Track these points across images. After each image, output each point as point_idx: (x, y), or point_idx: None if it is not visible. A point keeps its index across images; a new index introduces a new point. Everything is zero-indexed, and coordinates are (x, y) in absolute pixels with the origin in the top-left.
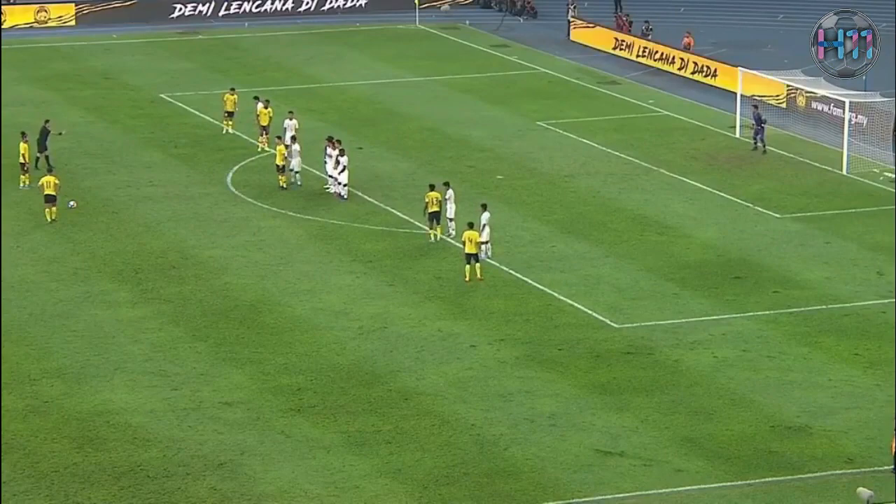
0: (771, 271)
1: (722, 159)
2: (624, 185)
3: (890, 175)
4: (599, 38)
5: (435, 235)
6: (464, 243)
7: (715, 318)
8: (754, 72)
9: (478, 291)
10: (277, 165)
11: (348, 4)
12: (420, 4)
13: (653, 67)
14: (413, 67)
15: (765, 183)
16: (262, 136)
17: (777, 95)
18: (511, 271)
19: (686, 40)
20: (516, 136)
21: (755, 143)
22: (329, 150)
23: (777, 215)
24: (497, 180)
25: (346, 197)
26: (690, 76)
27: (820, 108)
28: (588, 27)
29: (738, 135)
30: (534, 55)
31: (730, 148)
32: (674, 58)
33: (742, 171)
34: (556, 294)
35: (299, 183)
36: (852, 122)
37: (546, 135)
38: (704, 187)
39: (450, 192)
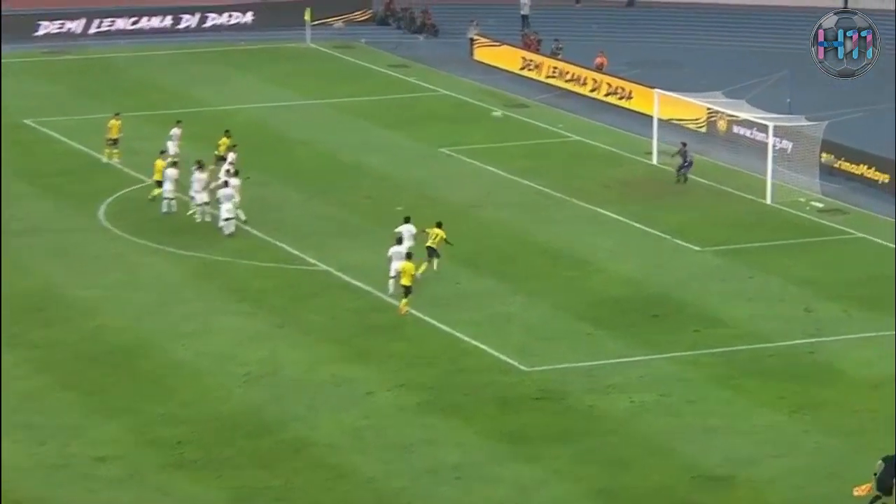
0: (691, 308)
1: (638, 188)
2: (533, 216)
3: (817, 204)
4: (505, 57)
5: (429, 266)
6: (398, 275)
7: (632, 359)
8: (672, 93)
9: (376, 333)
10: (157, 181)
11: (233, 21)
12: (311, 21)
13: (563, 89)
14: (304, 89)
15: (684, 213)
16: (213, 165)
17: (696, 119)
18: (412, 310)
19: (599, 60)
20: (417, 164)
21: (678, 176)
22: (197, 174)
23: (697, 248)
24: (396, 211)
25: (233, 230)
26: (604, 98)
27: (742, 132)
28: (493, 45)
29: (655, 161)
30: (435, 76)
31: (647, 176)
32: (586, 79)
33: (660, 201)
34: (460, 335)
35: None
36: (776, 148)
37: (449, 162)
38: (620, 218)
39: (409, 228)
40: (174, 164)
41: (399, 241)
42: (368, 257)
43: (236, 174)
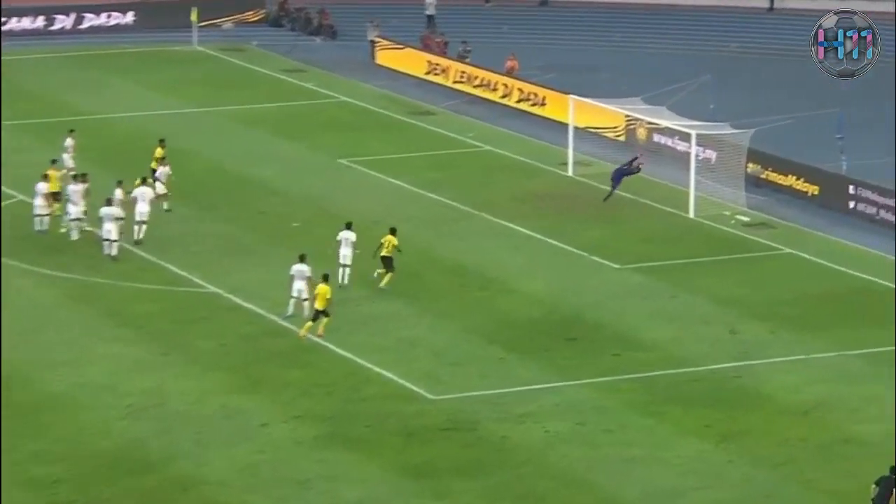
0: (610, 330)
1: (553, 201)
2: (440, 232)
3: (743, 218)
4: (409, 61)
5: (380, 277)
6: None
7: (546, 386)
8: (588, 100)
9: (270, 359)
10: (53, 193)
11: (113, 22)
12: (198, 22)
13: (472, 95)
14: (192, 96)
15: (602, 228)
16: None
17: (615, 127)
18: (309, 335)
19: (510, 63)
20: (314, 176)
21: (612, 191)
22: (72, 187)
23: (616, 266)
24: (292, 228)
25: (115, 254)
26: (515, 105)
27: (663, 141)
28: (396, 48)
29: (570, 172)
30: (333, 81)
31: (562, 188)
32: (496, 84)
33: (576, 215)
34: (362, 361)
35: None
36: (699, 158)
37: (349, 174)
38: (533, 234)
39: (348, 235)
40: (45, 178)
41: (302, 258)
42: (262, 277)
43: (81, 177)
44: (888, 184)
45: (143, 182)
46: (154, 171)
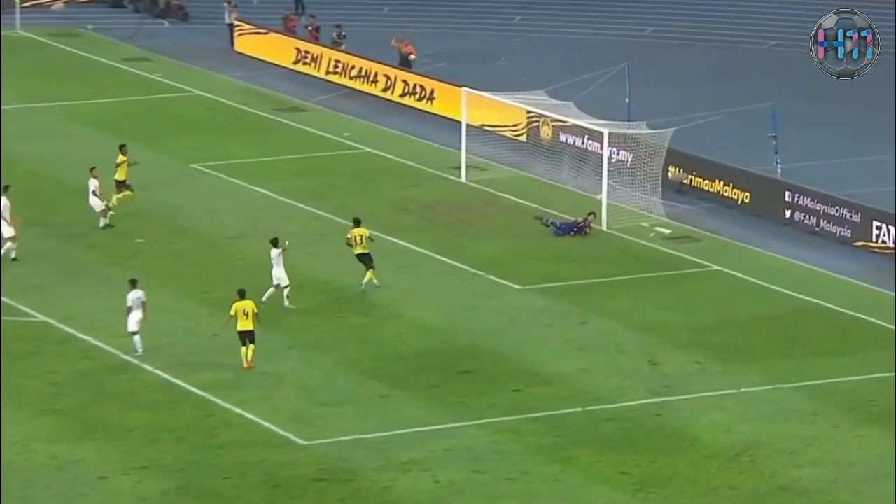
0: (510, 362)
1: (444, 212)
2: (312, 249)
3: (663, 230)
4: (274, 48)
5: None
6: (233, 316)
7: (436, 427)
8: (484, 93)
9: (110, 400)
10: None
11: None
12: (22, 2)
13: (348, 88)
14: (14, 90)
15: (501, 243)
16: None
17: (515, 125)
18: (156, 371)
19: (405, 48)
20: (162, 184)
21: (551, 224)
22: None
23: (517, 286)
24: (136, 245)
25: None
26: (399, 100)
27: (570, 140)
28: (259, 34)
29: (463, 178)
30: (185, 72)
31: (454, 196)
32: (377, 75)
33: (470, 228)
34: (219, 401)
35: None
36: (613, 160)
37: (204, 181)
38: (420, 250)
39: (274, 251)
40: None
41: (133, 282)
42: (100, 304)
43: None
44: (829, 189)
45: (5, 191)
46: (122, 182)
